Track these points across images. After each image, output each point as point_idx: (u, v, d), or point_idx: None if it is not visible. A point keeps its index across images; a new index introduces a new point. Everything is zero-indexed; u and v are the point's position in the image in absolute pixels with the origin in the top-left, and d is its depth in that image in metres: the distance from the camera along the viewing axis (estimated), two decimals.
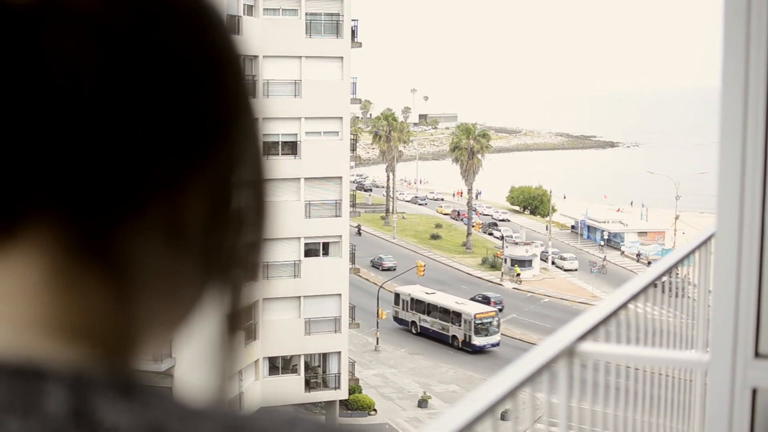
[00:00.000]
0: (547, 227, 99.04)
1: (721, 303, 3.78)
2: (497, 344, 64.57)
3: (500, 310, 70.85)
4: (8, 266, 0.72)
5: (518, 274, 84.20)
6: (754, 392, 3.76)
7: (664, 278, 5.18)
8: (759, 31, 3.55)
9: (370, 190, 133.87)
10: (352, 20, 50.09)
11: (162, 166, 0.75)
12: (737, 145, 3.64)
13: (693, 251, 5.44)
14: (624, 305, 4.27)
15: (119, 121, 0.72)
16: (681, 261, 5.37)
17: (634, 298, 4.40)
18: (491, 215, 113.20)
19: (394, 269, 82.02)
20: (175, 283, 0.79)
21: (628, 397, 4.40)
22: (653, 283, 4.78)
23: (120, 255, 0.75)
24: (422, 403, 54.95)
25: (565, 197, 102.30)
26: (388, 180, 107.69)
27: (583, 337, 3.78)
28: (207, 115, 0.78)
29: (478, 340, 64.64)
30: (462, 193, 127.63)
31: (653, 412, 4.80)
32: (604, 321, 4.02)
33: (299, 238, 47.71)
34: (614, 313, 4.14)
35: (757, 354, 3.75)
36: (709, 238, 5.37)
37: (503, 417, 3.23)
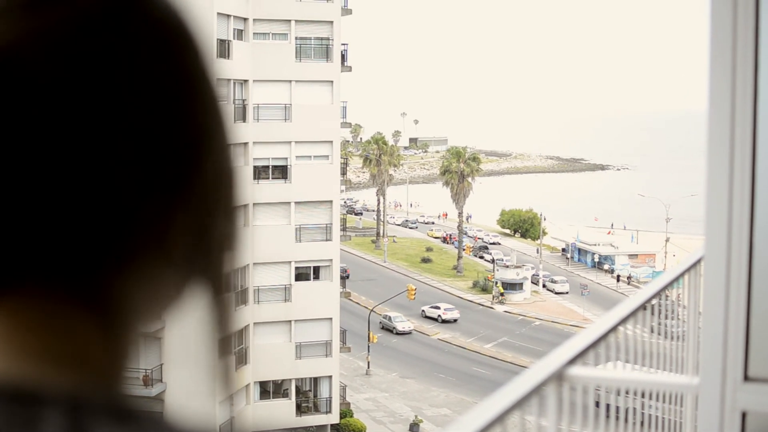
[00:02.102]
0: (537, 250, 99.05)
1: (711, 326, 3.78)
2: None
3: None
4: (6, 310, 0.74)
5: (502, 294, 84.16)
6: (744, 415, 3.76)
7: (654, 301, 5.18)
8: (745, 54, 3.57)
9: (361, 213, 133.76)
10: (342, 44, 50.20)
11: (145, 210, 0.76)
12: (724, 168, 3.65)
13: (682, 274, 5.44)
14: (613, 329, 4.27)
15: (100, 175, 0.73)
16: (670, 284, 5.37)
17: (624, 321, 4.40)
18: (482, 238, 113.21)
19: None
20: (161, 305, 0.82)
21: (619, 421, 4.40)
22: (643, 306, 4.78)
23: (109, 299, 0.77)
24: (414, 427, 54.79)
25: (545, 219, 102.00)
26: (378, 204, 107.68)
27: (572, 361, 3.77)
28: (183, 148, 0.79)
29: None
30: (447, 215, 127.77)
31: None
32: (594, 345, 4.01)
33: (290, 262, 47.63)
34: (603, 336, 4.13)
35: (746, 377, 3.75)
36: (698, 261, 5.37)
37: None
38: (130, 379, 0.79)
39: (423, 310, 78.53)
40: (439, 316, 78.56)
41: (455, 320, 78.13)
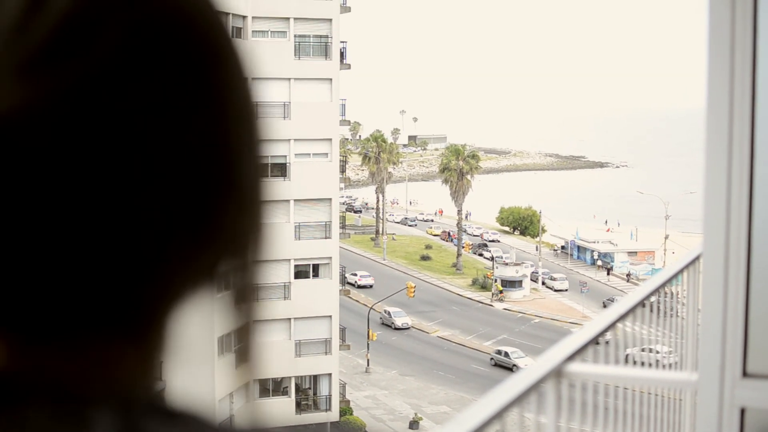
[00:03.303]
0: (537, 248, 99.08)
1: (709, 323, 3.79)
2: None
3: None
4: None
5: (501, 291, 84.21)
6: (743, 412, 3.77)
7: (654, 298, 5.20)
8: (743, 52, 3.58)
9: (360, 211, 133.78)
10: (341, 42, 50.21)
11: (174, 252, 0.76)
12: (722, 165, 3.66)
13: (680, 271, 5.46)
14: (612, 325, 4.28)
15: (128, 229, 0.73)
16: (668, 281, 5.38)
17: (622, 318, 4.42)
18: (481, 236, 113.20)
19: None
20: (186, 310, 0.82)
21: (618, 417, 4.41)
22: (641, 303, 4.80)
23: (146, 331, 0.78)
24: (413, 424, 54.82)
25: (541, 216, 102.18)
26: (377, 201, 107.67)
27: (571, 358, 3.78)
28: (215, 186, 0.78)
29: None
30: (443, 212, 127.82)
31: None
32: (592, 341, 4.03)
33: (289, 259, 47.65)
34: (602, 333, 4.15)
35: (745, 373, 3.76)
36: (696, 258, 5.39)
37: None
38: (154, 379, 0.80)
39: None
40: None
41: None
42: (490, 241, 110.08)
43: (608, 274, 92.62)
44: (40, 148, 0.69)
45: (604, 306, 67.84)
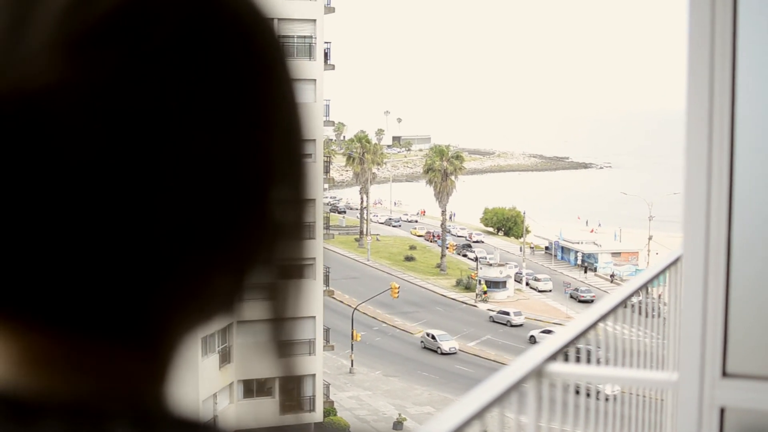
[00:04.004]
0: (521, 248, 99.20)
1: (689, 323, 3.81)
2: None
3: None
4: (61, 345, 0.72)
5: (485, 292, 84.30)
6: (722, 411, 3.79)
7: (639, 299, 5.22)
8: (723, 54, 3.60)
9: (344, 212, 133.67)
10: (325, 43, 50.20)
11: (197, 260, 0.74)
12: (702, 166, 3.68)
13: (661, 272, 5.48)
14: (593, 326, 4.30)
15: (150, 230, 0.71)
16: (649, 282, 5.40)
17: (603, 318, 4.43)
18: (465, 237, 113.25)
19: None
20: (202, 325, 0.82)
21: (599, 417, 4.42)
22: (623, 304, 4.82)
23: (156, 340, 0.76)
24: (397, 425, 54.80)
25: (525, 217, 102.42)
26: (361, 202, 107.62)
27: (552, 358, 3.80)
28: (251, 191, 0.76)
29: None
30: (425, 212, 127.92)
31: None
32: (573, 341, 4.04)
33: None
34: (583, 333, 4.16)
35: (724, 373, 3.78)
36: (677, 259, 5.41)
37: None
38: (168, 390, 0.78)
39: None
40: None
41: None
42: (474, 241, 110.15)
43: (585, 272, 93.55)
44: (72, 126, 0.67)
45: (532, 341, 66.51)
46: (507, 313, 77.38)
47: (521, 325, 76.16)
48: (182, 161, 0.70)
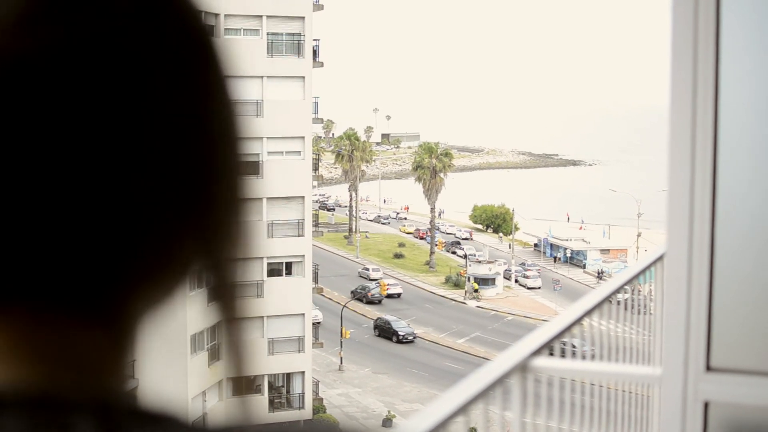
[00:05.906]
0: (510, 245, 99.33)
1: (673, 318, 3.83)
2: None
3: None
4: (21, 323, 0.71)
5: (476, 290, 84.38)
6: (706, 405, 3.81)
7: (625, 296, 5.24)
8: (706, 51, 3.62)
9: (333, 209, 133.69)
10: (314, 40, 50.18)
11: (157, 232, 0.74)
12: (686, 162, 3.70)
13: (647, 268, 5.51)
14: (578, 321, 4.32)
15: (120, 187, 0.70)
16: (634, 278, 5.43)
17: (588, 313, 4.45)
18: (454, 234, 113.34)
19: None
20: (161, 307, 0.81)
21: (584, 413, 4.45)
22: (608, 299, 4.84)
23: (115, 310, 0.75)
24: (387, 422, 54.84)
25: (514, 214, 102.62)
26: (350, 199, 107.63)
27: (536, 353, 3.82)
28: (203, 162, 0.77)
29: None
30: (408, 208, 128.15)
31: (609, 427, 4.85)
32: (558, 336, 4.06)
33: (262, 257, 47.57)
34: (568, 328, 4.18)
35: (708, 368, 3.80)
36: (662, 256, 5.43)
37: None
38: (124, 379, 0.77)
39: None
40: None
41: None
42: (463, 239, 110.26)
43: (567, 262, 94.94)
44: (27, 99, 0.67)
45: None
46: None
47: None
48: (139, 133, 0.70)
